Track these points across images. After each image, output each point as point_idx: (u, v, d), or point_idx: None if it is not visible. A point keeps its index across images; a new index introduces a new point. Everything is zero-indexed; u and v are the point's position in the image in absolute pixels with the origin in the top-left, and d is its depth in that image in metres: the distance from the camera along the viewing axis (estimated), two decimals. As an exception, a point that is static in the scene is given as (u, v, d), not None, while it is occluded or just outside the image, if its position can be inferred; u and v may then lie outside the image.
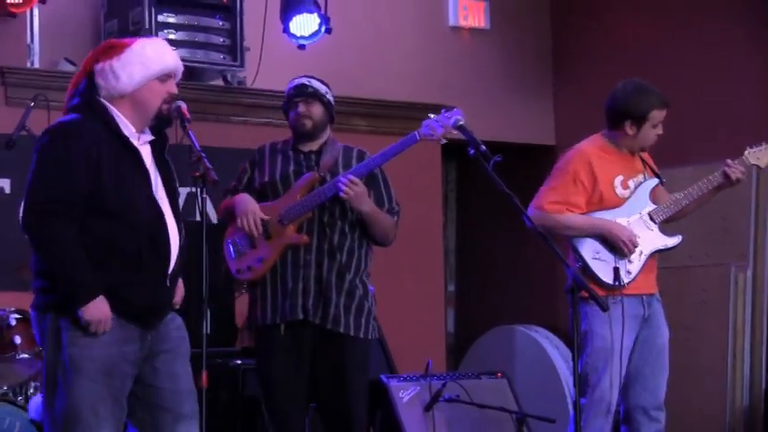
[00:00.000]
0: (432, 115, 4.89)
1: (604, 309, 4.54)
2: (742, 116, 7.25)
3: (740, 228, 7.12)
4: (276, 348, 4.93)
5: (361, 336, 4.96)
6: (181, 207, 4.22)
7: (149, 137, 4.13)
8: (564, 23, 8.34)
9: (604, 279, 5.02)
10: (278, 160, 5.05)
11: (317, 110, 5.03)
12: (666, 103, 5.13)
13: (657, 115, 5.10)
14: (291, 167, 5.01)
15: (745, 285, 7.10)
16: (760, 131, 6.82)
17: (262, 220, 4.92)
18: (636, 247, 5.06)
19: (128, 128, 4.10)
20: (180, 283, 4.23)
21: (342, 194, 4.84)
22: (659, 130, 5.15)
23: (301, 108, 5.01)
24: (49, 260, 4.04)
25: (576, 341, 4.49)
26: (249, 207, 4.93)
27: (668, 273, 7.17)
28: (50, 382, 4.03)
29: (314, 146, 5.05)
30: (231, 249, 5.02)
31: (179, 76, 4.20)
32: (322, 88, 5.07)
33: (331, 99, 5.09)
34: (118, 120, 4.09)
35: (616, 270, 4.96)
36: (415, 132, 4.90)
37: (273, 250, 4.92)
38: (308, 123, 5.01)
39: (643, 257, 5.09)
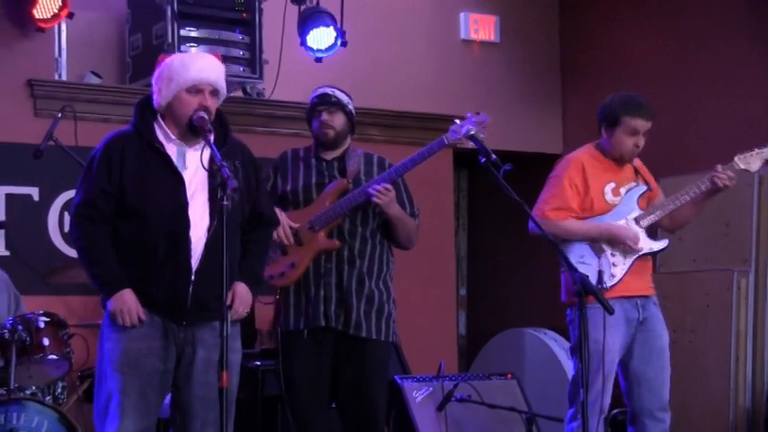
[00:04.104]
0: (457, 120, 4.87)
1: (610, 312, 4.53)
2: (747, 123, 7.25)
3: (742, 233, 7.09)
4: (299, 352, 4.92)
5: (383, 339, 4.96)
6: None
7: (199, 146, 4.15)
8: (572, 36, 8.35)
9: None
10: (300, 168, 5.05)
11: (340, 119, 5.03)
12: (642, 113, 5.08)
13: (631, 122, 5.07)
14: (314, 179, 5.00)
15: (747, 289, 7.08)
16: (765, 136, 6.82)
17: (291, 228, 4.93)
18: (639, 244, 5.06)
19: (166, 135, 4.21)
20: (239, 289, 4.24)
21: (374, 200, 4.84)
22: (638, 141, 5.11)
23: (324, 117, 5.01)
24: (82, 258, 4.22)
25: (582, 343, 4.48)
26: (279, 218, 4.90)
27: (672, 277, 7.20)
28: (96, 375, 4.24)
29: (336, 153, 5.05)
30: None
31: (217, 88, 4.22)
32: (344, 98, 5.07)
33: (352, 109, 5.09)
34: (157, 128, 4.22)
35: (600, 273, 4.95)
36: (443, 137, 4.89)
37: (306, 255, 4.93)
38: (331, 133, 5.01)
39: (628, 261, 5.10)
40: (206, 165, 4.06)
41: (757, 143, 5.21)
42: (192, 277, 4.14)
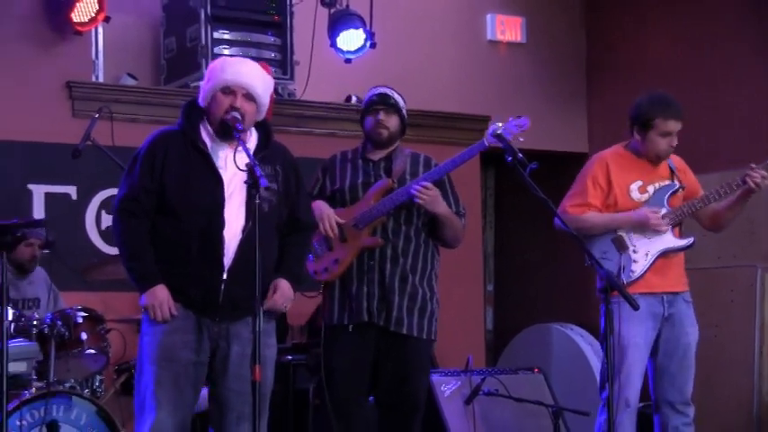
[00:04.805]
0: (499, 124, 4.83)
1: (635, 307, 4.52)
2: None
3: (766, 230, 7.07)
4: (342, 345, 4.92)
5: (424, 336, 4.96)
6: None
7: (235, 144, 4.15)
8: (597, 37, 8.34)
9: None
10: (347, 169, 5.05)
11: (394, 121, 5.03)
12: (674, 114, 5.04)
13: (662, 125, 5.04)
14: (360, 179, 5.01)
15: (771, 286, 7.06)
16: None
17: (338, 223, 4.94)
18: (662, 218, 5.03)
19: (210, 136, 4.24)
20: (281, 284, 4.25)
21: (416, 200, 4.84)
22: (671, 141, 5.07)
23: (381, 116, 5.00)
24: (121, 252, 4.26)
25: (608, 338, 4.48)
26: (326, 211, 4.93)
27: (697, 273, 7.15)
28: (136, 369, 4.27)
29: (383, 154, 5.05)
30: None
31: (251, 92, 4.22)
32: (401, 101, 5.07)
33: (405, 113, 5.09)
34: (202, 128, 4.25)
35: (620, 269, 4.93)
36: (483, 140, 4.86)
37: (349, 252, 4.93)
38: (385, 133, 5.01)
39: (650, 258, 5.07)
40: (240, 164, 4.07)
41: None
42: (224, 276, 4.16)
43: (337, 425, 4.91)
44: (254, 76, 4.27)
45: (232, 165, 4.13)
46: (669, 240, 5.10)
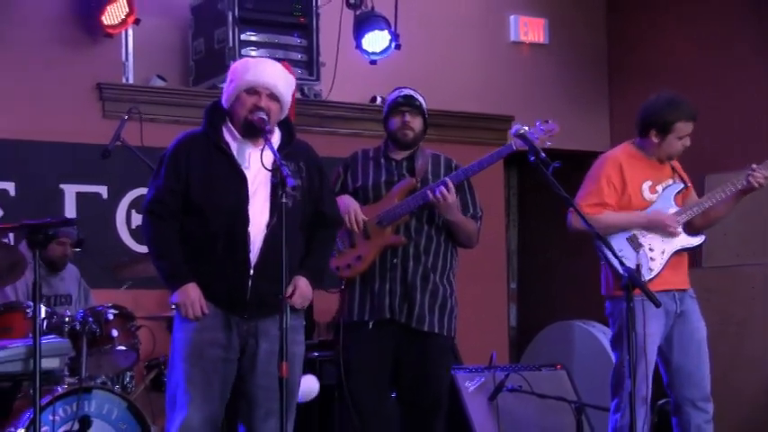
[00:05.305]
0: (526, 127, 4.82)
1: (657, 305, 4.51)
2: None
3: (785, 228, 7.07)
4: (362, 342, 4.92)
5: (444, 333, 4.96)
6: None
7: (260, 144, 4.17)
8: (619, 38, 8.33)
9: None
10: (370, 167, 5.05)
11: (419, 123, 5.04)
12: (693, 116, 5.08)
13: (683, 127, 5.06)
14: (383, 177, 5.01)
15: (789, 282, 7.05)
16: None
17: (362, 219, 4.95)
18: (679, 224, 5.03)
19: (233, 135, 4.26)
20: (300, 282, 4.25)
21: (431, 198, 4.83)
22: (686, 142, 5.10)
23: (408, 118, 5.01)
24: (150, 252, 4.30)
25: (630, 336, 4.46)
26: (351, 206, 4.92)
27: (717, 271, 7.18)
28: (168, 365, 4.31)
29: (406, 154, 5.05)
30: None
31: (274, 92, 4.24)
32: (424, 104, 5.08)
33: (427, 115, 5.10)
34: (225, 129, 4.27)
35: (638, 267, 4.92)
36: (511, 143, 4.86)
37: (372, 249, 4.93)
38: (410, 134, 5.02)
39: (665, 256, 5.06)
40: (267, 164, 4.09)
41: None
42: (251, 272, 4.18)
43: (358, 422, 4.91)
44: (278, 77, 4.28)
45: (256, 162, 4.14)
46: (684, 239, 5.10)
